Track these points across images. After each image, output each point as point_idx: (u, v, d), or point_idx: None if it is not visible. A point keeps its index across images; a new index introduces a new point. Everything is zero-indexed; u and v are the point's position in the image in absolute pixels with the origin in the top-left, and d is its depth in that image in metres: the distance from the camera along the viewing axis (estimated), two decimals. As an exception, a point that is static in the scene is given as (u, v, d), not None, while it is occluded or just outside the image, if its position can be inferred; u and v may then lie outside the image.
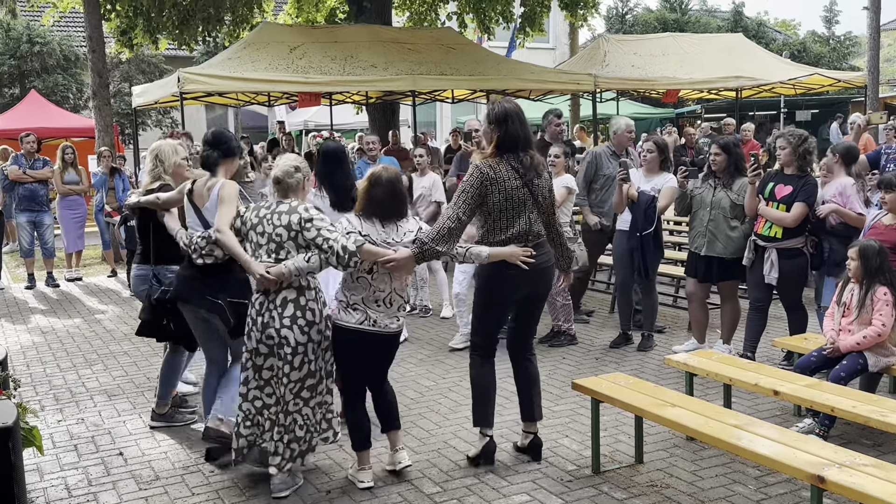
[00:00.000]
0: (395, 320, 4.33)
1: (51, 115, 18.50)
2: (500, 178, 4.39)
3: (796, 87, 16.93)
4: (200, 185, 4.76)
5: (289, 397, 4.28)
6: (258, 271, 4.19)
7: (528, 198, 4.45)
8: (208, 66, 12.39)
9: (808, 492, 3.60)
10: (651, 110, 25.69)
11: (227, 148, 4.79)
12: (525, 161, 4.44)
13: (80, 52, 22.80)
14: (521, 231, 4.45)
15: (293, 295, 4.23)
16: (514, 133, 4.44)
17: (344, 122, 21.51)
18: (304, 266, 4.15)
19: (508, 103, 4.53)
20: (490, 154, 4.47)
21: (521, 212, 4.44)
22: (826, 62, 31.20)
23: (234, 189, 4.63)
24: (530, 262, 4.41)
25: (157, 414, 5.44)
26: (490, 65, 13.27)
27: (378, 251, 4.16)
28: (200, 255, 4.61)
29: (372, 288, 4.24)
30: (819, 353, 5.15)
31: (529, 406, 4.77)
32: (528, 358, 4.81)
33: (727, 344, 6.56)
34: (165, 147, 5.38)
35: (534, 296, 4.65)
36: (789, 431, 4.04)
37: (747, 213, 6.20)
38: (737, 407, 5.20)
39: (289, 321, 4.20)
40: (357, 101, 16.50)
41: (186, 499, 4.36)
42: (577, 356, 6.91)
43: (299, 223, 4.20)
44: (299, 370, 4.26)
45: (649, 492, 4.32)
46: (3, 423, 3.29)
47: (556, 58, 26.43)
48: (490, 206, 4.40)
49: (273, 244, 4.25)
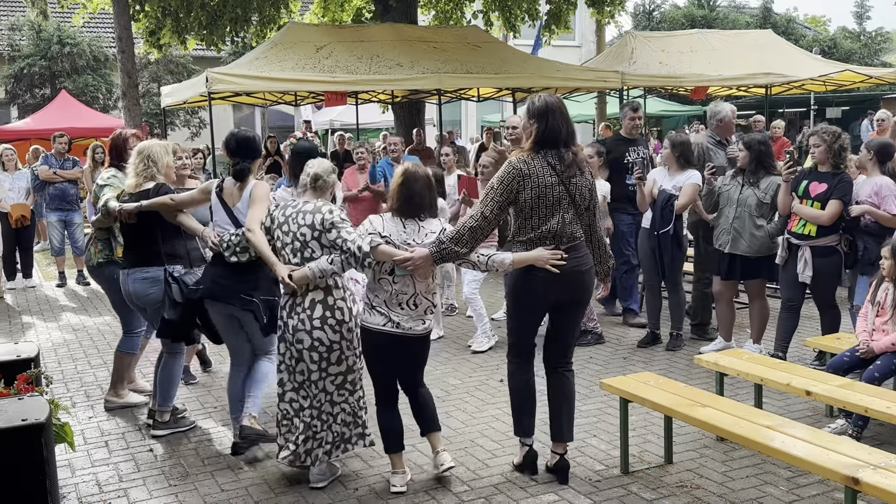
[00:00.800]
0: (421, 322, 4.26)
1: (81, 116, 18.74)
2: (534, 174, 4.15)
3: (827, 84, 16.70)
4: (230, 184, 4.76)
5: (331, 389, 4.32)
6: (282, 275, 4.22)
7: (563, 196, 4.20)
8: (236, 66, 12.46)
9: (842, 493, 3.55)
10: (679, 108, 25.47)
11: (252, 150, 4.82)
12: (566, 157, 4.20)
13: (110, 53, 23.05)
14: (552, 231, 4.20)
15: (321, 296, 4.24)
16: (555, 128, 4.21)
17: (370, 121, 21.57)
18: (327, 268, 4.16)
19: (550, 97, 4.31)
20: (528, 149, 4.25)
21: (556, 211, 4.19)
22: (857, 58, 30.75)
23: (266, 189, 4.65)
24: (560, 265, 4.17)
25: (159, 423, 5.26)
26: (516, 63, 13.22)
27: (393, 252, 4.10)
28: (234, 253, 4.59)
29: (394, 289, 4.20)
30: (852, 353, 5.07)
31: (559, 424, 4.45)
32: (564, 372, 4.48)
33: (757, 343, 6.49)
34: (157, 147, 5.27)
35: (567, 302, 4.35)
36: (822, 432, 3.98)
37: (780, 211, 6.13)
38: (767, 407, 5.14)
39: (319, 322, 4.21)
40: (383, 101, 16.52)
41: (216, 495, 4.39)
42: (605, 355, 6.87)
43: (322, 223, 4.22)
44: (338, 364, 4.30)
45: (679, 492, 4.28)
46: (36, 420, 3.34)
47: (582, 55, 26.33)
48: (521, 202, 4.18)
49: (298, 243, 4.26)
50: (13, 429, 3.28)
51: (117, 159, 5.79)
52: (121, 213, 5.10)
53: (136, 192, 5.11)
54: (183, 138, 23.36)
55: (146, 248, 5.11)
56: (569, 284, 4.26)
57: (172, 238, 5.13)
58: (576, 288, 4.32)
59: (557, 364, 4.48)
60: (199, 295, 4.83)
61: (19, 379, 3.93)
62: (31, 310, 9.40)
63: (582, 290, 4.37)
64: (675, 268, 6.89)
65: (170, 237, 5.11)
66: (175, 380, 5.30)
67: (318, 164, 4.45)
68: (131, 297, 5.23)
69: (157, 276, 5.05)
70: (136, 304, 5.27)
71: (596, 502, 4.20)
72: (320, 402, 4.34)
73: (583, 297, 4.42)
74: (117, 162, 5.77)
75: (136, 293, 5.16)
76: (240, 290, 4.60)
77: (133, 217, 5.08)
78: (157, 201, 5.01)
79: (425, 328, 4.30)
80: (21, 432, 3.28)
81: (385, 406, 4.40)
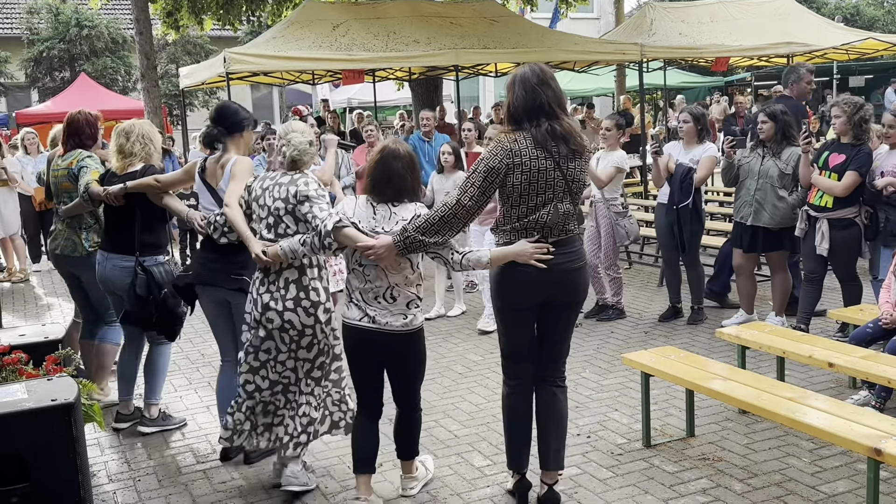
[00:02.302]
0: (402, 317, 3.75)
1: (101, 98, 18.82)
2: (524, 154, 3.55)
3: (849, 53, 16.42)
4: (213, 162, 4.52)
5: (301, 375, 4.06)
6: (255, 251, 3.94)
7: (558, 182, 3.60)
8: (253, 45, 12.46)
9: (864, 464, 3.54)
10: (699, 79, 25.19)
11: (232, 123, 4.48)
12: (556, 131, 3.57)
13: (128, 35, 23.14)
14: (541, 222, 3.61)
15: (295, 275, 3.96)
16: (530, 97, 3.58)
17: (387, 98, 21.52)
18: (298, 249, 3.82)
19: (529, 66, 3.69)
20: (507, 126, 3.67)
21: (548, 199, 3.60)
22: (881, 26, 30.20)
23: (248, 165, 4.39)
24: (548, 261, 3.60)
25: (148, 419, 5.04)
26: (533, 37, 13.10)
27: (357, 237, 3.65)
28: (222, 234, 4.33)
29: (367, 280, 3.77)
30: (875, 324, 5.04)
31: (546, 450, 3.85)
32: (554, 387, 3.86)
33: (779, 316, 6.46)
34: (148, 126, 5.04)
35: (557, 304, 3.75)
36: (845, 404, 3.97)
37: (802, 183, 6.07)
38: (790, 380, 5.13)
39: (292, 303, 3.93)
40: (400, 78, 16.46)
41: (244, 469, 4.45)
42: (626, 330, 6.87)
43: (296, 196, 3.91)
44: (308, 350, 4.01)
45: (701, 465, 4.29)
46: (66, 399, 3.39)
47: (600, 28, 26.04)
48: (509, 188, 3.59)
49: (272, 218, 3.98)
50: (43, 409, 3.34)
51: (78, 141, 5.37)
52: (108, 196, 4.83)
53: (123, 175, 4.87)
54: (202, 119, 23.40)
55: (125, 235, 4.88)
56: (558, 284, 3.68)
57: (156, 224, 4.93)
58: (565, 288, 3.74)
59: (546, 376, 3.86)
60: (189, 281, 4.54)
61: (48, 360, 3.99)
62: (57, 291, 9.52)
63: (573, 290, 3.78)
64: (695, 242, 6.86)
65: (153, 223, 4.92)
66: (163, 370, 5.12)
67: (294, 142, 4.03)
68: (106, 283, 4.99)
69: (130, 265, 4.83)
70: (108, 289, 5.05)
71: (618, 475, 4.22)
72: (287, 382, 4.07)
73: (574, 298, 3.82)
74: (78, 144, 5.36)
75: (112, 280, 4.92)
76: (229, 270, 4.38)
77: (121, 199, 4.83)
78: (143, 182, 4.78)
79: (406, 323, 3.77)
80: (51, 412, 3.34)
81: (362, 417, 3.96)
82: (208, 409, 5.42)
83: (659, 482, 4.12)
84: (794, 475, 4.13)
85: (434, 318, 7.38)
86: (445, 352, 6.44)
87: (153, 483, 4.40)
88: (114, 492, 4.32)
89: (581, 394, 5.39)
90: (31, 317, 8.33)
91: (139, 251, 4.85)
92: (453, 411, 5.20)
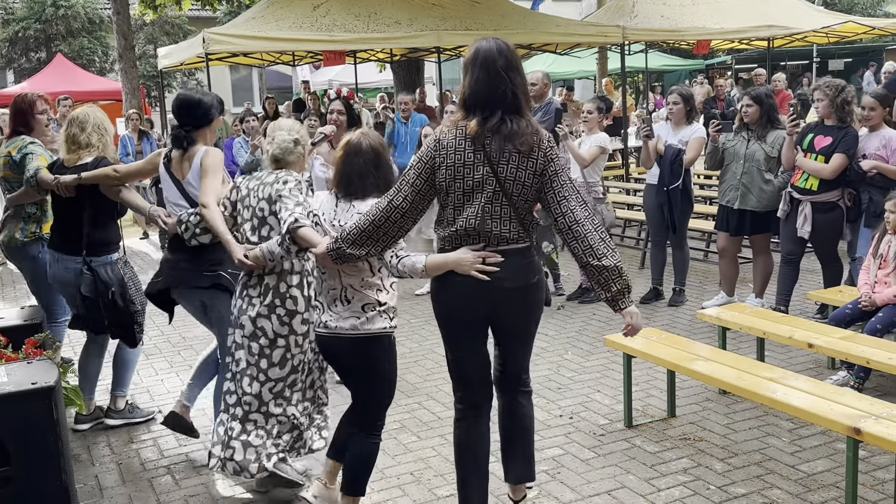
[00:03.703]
0: (354, 320, 3.38)
1: (77, 79, 18.62)
2: (451, 147, 3.11)
3: (829, 36, 16.52)
4: (177, 154, 4.18)
5: (267, 398, 3.73)
6: (237, 255, 3.67)
7: (487, 181, 3.08)
8: (233, 26, 12.35)
9: (843, 444, 3.59)
10: (680, 62, 25.22)
11: (199, 116, 4.15)
12: (503, 128, 3.06)
13: (105, 15, 22.84)
14: (466, 228, 3.12)
15: (274, 281, 3.70)
16: (484, 83, 3.09)
17: (368, 80, 21.40)
18: (276, 251, 3.54)
19: (489, 42, 3.15)
20: (460, 116, 3.17)
21: (473, 200, 3.10)
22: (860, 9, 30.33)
23: (219, 156, 4.08)
24: (492, 273, 3.11)
25: (114, 411, 4.87)
26: (516, 18, 13.07)
27: (311, 240, 3.38)
28: (194, 235, 3.99)
29: (324, 280, 3.49)
30: (854, 305, 5.09)
31: (514, 461, 3.44)
32: (518, 396, 3.41)
33: (759, 298, 6.51)
34: (102, 115, 4.71)
35: (502, 324, 3.27)
36: (824, 384, 4.02)
37: (784, 165, 6.10)
38: (770, 361, 5.18)
39: (266, 310, 3.68)
40: (381, 59, 16.37)
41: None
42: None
43: (277, 195, 3.64)
44: (280, 367, 3.71)
45: (682, 445, 4.33)
46: (46, 383, 3.37)
47: (582, 10, 25.97)
48: (438, 185, 3.14)
49: (256, 220, 3.73)
50: (24, 392, 3.31)
51: (23, 125, 5.11)
52: (58, 185, 4.50)
53: (74, 167, 4.53)
54: (181, 101, 23.18)
55: (73, 232, 4.56)
56: (501, 302, 3.17)
57: (106, 220, 4.65)
58: (508, 310, 3.20)
59: (508, 385, 3.42)
60: (161, 286, 4.23)
61: (27, 343, 3.96)
62: (36, 275, 9.41)
63: (516, 313, 3.24)
64: (684, 222, 6.91)
65: (102, 220, 4.61)
66: (132, 362, 4.94)
67: (277, 140, 3.79)
68: (55, 281, 4.74)
69: (78, 267, 4.54)
70: (62, 291, 4.81)
71: (600, 455, 4.25)
72: (249, 406, 3.75)
73: (519, 322, 3.27)
74: (23, 129, 5.10)
75: (62, 280, 4.66)
76: (201, 268, 4.07)
77: (72, 190, 4.50)
78: (100, 173, 4.46)
79: (355, 326, 3.38)
80: (32, 395, 3.32)
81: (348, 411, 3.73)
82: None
83: (640, 462, 4.16)
84: (774, 454, 4.18)
85: (423, 294, 7.43)
86: (428, 334, 6.45)
87: (136, 466, 4.38)
88: (95, 475, 4.29)
89: (563, 375, 5.42)
90: (10, 300, 8.25)
91: (86, 250, 4.53)
92: (436, 393, 5.21)
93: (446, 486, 3.96)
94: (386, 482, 4.04)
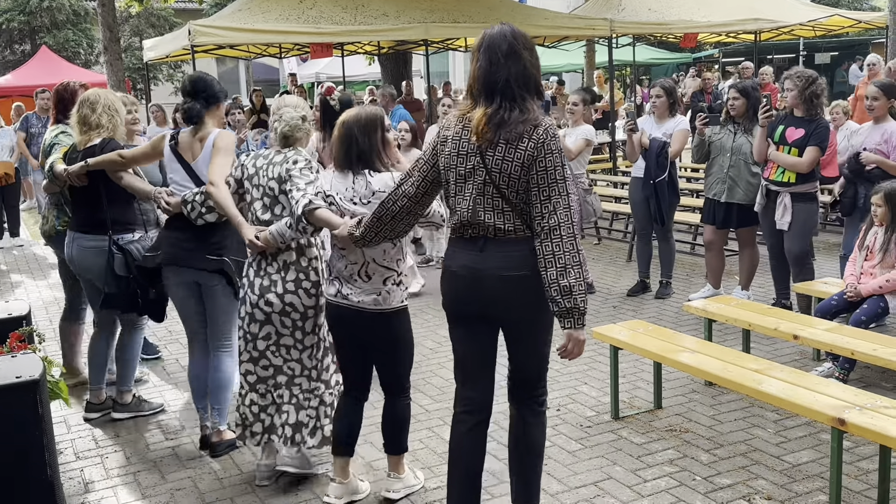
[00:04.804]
0: (375, 295, 3.51)
1: (62, 71, 18.43)
2: (449, 136, 3.07)
3: (816, 29, 16.61)
4: (188, 135, 4.19)
5: (309, 364, 3.88)
6: (248, 236, 3.73)
7: (477, 171, 2.99)
8: (219, 17, 12.28)
9: (828, 434, 3.61)
10: (668, 55, 25.31)
11: (210, 94, 4.17)
12: (495, 117, 2.95)
13: (90, 7, 22.65)
14: (462, 220, 3.07)
15: (293, 257, 3.78)
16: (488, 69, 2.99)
17: (356, 73, 21.34)
18: (286, 233, 3.64)
19: (497, 29, 3.05)
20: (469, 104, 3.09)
21: (467, 191, 3.03)
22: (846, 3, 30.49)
23: (232, 139, 4.14)
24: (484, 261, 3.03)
25: (121, 405, 4.87)
26: (503, 11, 13.05)
27: (331, 221, 3.47)
28: (199, 215, 4.02)
29: (344, 258, 3.57)
30: (840, 296, 5.12)
31: (516, 484, 3.28)
32: (527, 411, 3.24)
33: (745, 290, 6.54)
34: (113, 96, 4.72)
35: (502, 319, 3.13)
36: (809, 375, 4.04)
37: (756, 158, 6.04)
38: (756, 352, 5.21)
39: (293, 286, 3.76)
40: (369, 52, 16.33)
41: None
42: (595, 304, 6.91)
43: (287, 174, 3.71)
44: (313, 334, 3.86)
45: (668, 436, 4.35)
46: (30, 377, 3.34)
47: (570, 3, 25.97)
48: (441, 172, 3.15)
49: (267, 199, 3.79)
50: (8, 386, 3.28)
51: (63, 114, 5.17)
52: (69, 176, 4.50)
53: (84, 149, 4.54)
54: (167, 93, 23.10)
55: (93, 214, 4.57)
56: (493, 293, 3.04)
57: (123, 201, 4.60)
58: (503, 299, 3.05)
59: (517, 395, 3.26)
60: (159, 262, 4.24)
61: (11, 337, 3.92)
62: (20, 268, 9.37)
63: (512, 303, 3.06)
64: (671, 215, 6.92)
65: (119, 200, 4.58)
66: (136, 357, 4.92)
67: (286, 118, 3.84)
68: (74, 263, 4.74)
69: (101, 245, 4.52)
70: (78, 271, 4.80)
71: (587, 447, 4.26)
72: (291, 374, 3.89)
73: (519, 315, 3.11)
74: (62, 117, 5.19)
75: (78, 261, 4.67)
76: (205, 251, 4.08)
77: (84, 179, 4.51)
78: (105, 158, 4.43)
79: (378, 300, 3.52)
80: (15, 389, 3.29)
81: (346, 396, 3.80)
82: (176, 386, 5.38)
83: (627, 454, 4.17)
84: (760, 445, 4.20)
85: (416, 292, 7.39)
86: (417, 326, 6.41)
87: (121, 460, 4.36)
88: (81, 469, 4.27)
89: (551, 367, 5.36)
90: (6, 291, 8.20)
91: (112, 229, 4.53)
92: (424, 386, 5.21)
93: (434, 478, 3.96)
94: (374, 475, 4.04)
